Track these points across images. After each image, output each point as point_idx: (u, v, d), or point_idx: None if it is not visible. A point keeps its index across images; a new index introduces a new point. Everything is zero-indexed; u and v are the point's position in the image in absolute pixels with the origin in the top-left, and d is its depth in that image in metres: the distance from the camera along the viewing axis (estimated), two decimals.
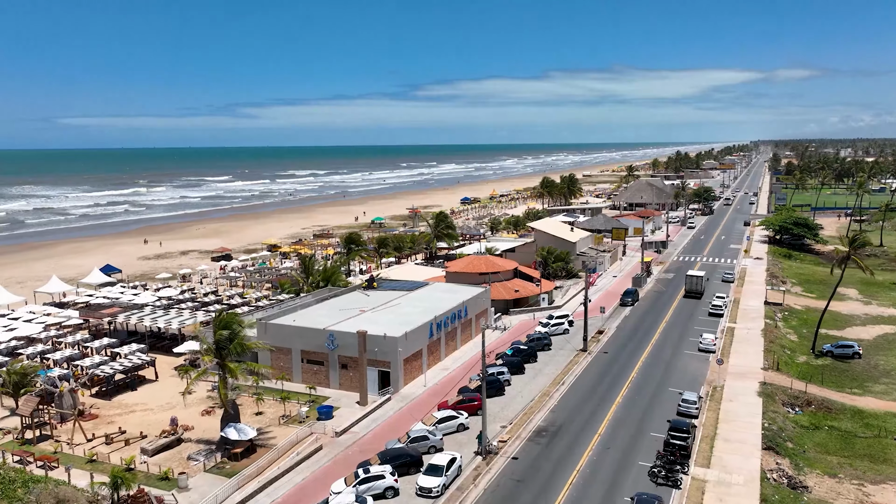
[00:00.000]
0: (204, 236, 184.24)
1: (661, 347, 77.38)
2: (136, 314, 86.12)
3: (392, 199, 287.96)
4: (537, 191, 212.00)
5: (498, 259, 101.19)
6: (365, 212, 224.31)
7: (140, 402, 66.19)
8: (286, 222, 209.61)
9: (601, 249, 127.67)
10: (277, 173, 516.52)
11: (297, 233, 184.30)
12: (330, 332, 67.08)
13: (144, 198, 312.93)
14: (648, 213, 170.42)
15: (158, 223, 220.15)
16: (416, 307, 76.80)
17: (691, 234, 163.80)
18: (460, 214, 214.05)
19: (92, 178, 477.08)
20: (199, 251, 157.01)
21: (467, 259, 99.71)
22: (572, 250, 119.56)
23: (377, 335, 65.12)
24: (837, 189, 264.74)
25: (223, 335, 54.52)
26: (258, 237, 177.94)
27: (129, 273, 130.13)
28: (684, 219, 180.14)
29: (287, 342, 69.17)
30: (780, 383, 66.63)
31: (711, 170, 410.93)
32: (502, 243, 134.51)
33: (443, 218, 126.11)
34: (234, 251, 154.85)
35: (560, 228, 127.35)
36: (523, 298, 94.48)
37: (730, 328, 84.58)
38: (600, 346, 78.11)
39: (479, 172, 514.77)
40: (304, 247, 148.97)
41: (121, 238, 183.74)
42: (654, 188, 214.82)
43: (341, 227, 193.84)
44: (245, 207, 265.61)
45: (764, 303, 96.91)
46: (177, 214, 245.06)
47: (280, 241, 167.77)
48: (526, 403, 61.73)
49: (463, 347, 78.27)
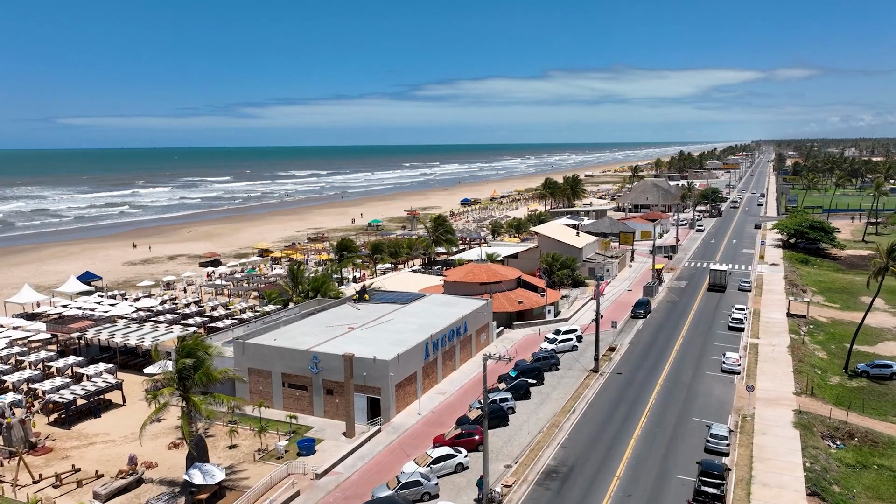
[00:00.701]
0: (195, 239, 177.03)
1: (680, 367, 70.05)
2: (108, 328, 78.92)
3: (391, 200, 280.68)
4: (539, 192, 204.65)
5: (500, 267, 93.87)
6: (362, 213, 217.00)
7: (102, 432, 58.99)
8: (281, 224, 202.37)
9: (608, 255, 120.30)
10: (277, 173, 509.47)
11: (291, 236, 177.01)
12: (313, 354, 59.80)
13: (141, 199, 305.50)
14: (656, 216, 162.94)
15: (151, 225, 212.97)
16: (410, 323, 69.53)
17: (700, 238, 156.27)
18: (460, 216, 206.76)
19: (91, 178, 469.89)
20: (187, 255, 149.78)
21: (467, 267, 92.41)
22: (578, 256, 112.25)
23: (366, 358, 57.83)
24: (847, 190, 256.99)
25: (186, 364, 47.25)
26: (251, 240, 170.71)
27: (111, 280, 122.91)
28: (692, 221, 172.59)
29: (267, 364, 61.92)
30: (816, 411, 59.26)
31: (715, 170, 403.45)
32: (504, 248, 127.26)
33: (441, 222, 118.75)
34: (223, 256, 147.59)
35: (565, 233, 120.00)
36: (527, 310, 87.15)
37: (753, 344, 77.20)
38: (613, 366, 70.79)
39: (480, 173, 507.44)
40: (296, 251, 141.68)
41: (109, 241, 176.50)
42: (660, 189, 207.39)
43: (337, 230, 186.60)
44: (240, 209, 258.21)
45: (787, 315, 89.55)
46: (171, 216, 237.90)
47: (272, 244, 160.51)
48: (533, 437, 54.39)
49: (462, 367, 70.95)
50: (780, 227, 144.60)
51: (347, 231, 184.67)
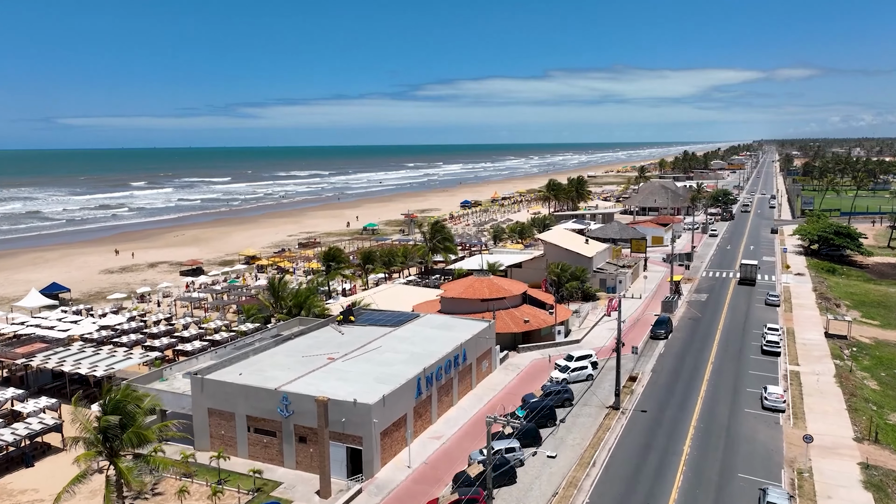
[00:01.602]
0: (181, 244, 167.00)
1: (714, 403, 59.97)
2: (60, 353, 68.94)
3: (388, 201, 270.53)
4: (543, 194, 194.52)
5: (503, 281, 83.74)
6: (358, 216, 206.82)
7: (31, 487, 49.13)
8: (273, 228, 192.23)
9: (620, 265, 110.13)
10: (276, 174, 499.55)
11: (281, 241, 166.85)
12: (283, 394, 49.77)
13: (135, 201, 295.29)
14: (667, 220, 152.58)
15: (140, 228, 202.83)
16: (400, 352, 59.50)
17: (715, 244, 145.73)
18: (460, 220, 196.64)
19: (89, 179, 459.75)
20: (169, 263, 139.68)
21: (467, 281, 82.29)
22: (588, 267, 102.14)
23: (345, 401, 47.79)
24: (860, 191, 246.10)
25: (111, 422, 37.30)
26: (239, 245, 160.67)
27: (82, 291, 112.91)
28: (705, 225, 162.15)
29: (229, 404, 51.86)
30: (886, 464, 49.15)
31: (720, 170, 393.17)
32: (506, 256, 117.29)
33: (439, 228, 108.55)
34: (207, 263, 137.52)
35: (573, 241, 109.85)
36: (535, 331, 77.08)
37: (793, 373, 67.10)
38: (636, 401, 60.73)
39: (480, 173, 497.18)
40: (284, 259, 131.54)
41: (92, 247, 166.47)
42: (669, 191, 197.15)
43: (331, 235, 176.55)
44: (233, 211, 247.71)
45: (825, 335, 79.46)
46: (161, 219, 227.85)
47: (261, 250, 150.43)
48: (547, 500, 44.38)
49: (461, 402, 60.87)
50: (802, 233, 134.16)
51: (341, 236, 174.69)
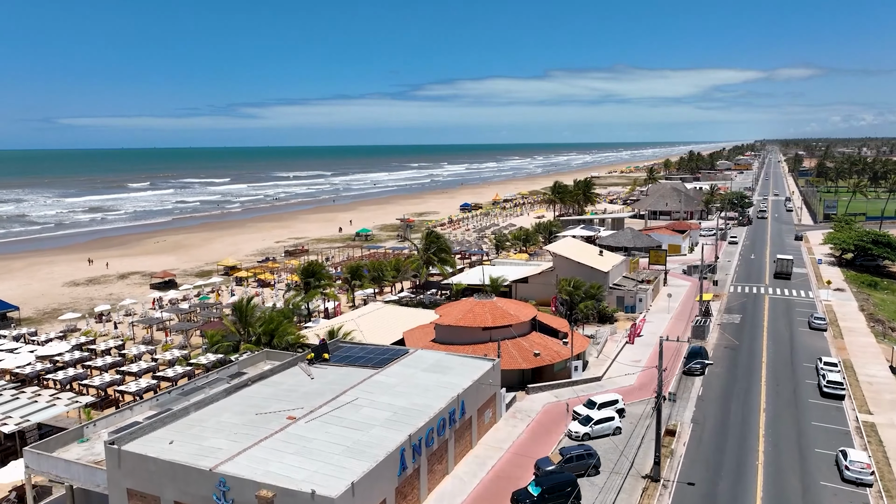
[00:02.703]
0: (160, 252, 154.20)
1: (779, 472, 47.07)
2: None
3: (385, 203, 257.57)
4: (548, 196, 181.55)
5: (509, 304, 70.76)
6: (351, 221, 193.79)
7: None
8: (261, 233, 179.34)
9: (639, 280, 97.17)
10: (274, 174, 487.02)
11: (268, 248, 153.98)
12: (220, 477, 36.94)
13: (125, 203, 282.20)
14: (684, 226, 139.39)
15: (123, 233, 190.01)
16: (381, 407, 46.58)
17: (737, 253, 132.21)
18: (459, 224, 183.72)
19: (84, 180, 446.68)
20: (142, 273, 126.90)
21: (466, 305, 69.36)
22: (604, 282, 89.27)
23: (300, 492, 34.97)
24: (876, 192, 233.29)
25: None
26: (222, 253, 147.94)
27: (36, 308, 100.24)
28: (724, 231, 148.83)
29: (153, 485, 39.05)
30: None
31: (726, 170, 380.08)
32: (510, 268, 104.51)
33: (434, 238, 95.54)
34: (183, 274, 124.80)
35: (586, 253, 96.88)
36: (547, 366, 64.26)
37: (867, 425, 54.15)
38: (678, 467, 47.85)
39: (481, 174, 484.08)
40: (266, 270, 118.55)
41: (64, 254, 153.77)
42: (681, 193, 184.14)
43: (321, 241, 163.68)
44: (221, 215, 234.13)
45: (890, 369, 66.59)
46: (147, 224, 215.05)
47: (244, 259, 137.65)
48: None
49: (458, 470, 47.94)
50: (835, 242, 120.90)
51: (333, 242, 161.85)
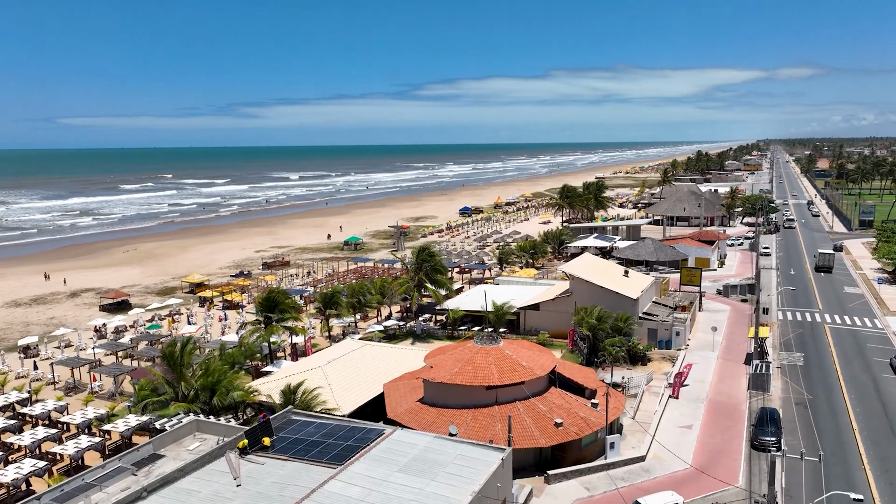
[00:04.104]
0: (127, 263, 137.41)
1: None
2: None
3: (381, 206, 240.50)
4: (555, 201, 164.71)
5: (521, 350, 53.50)
6: (342, 227, 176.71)
7: None
8: (242, 241, 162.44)
9: (672, 305, 79.99)
10: (272, 175, 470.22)
11: (245, 259, 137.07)
12: None
13: (107, 206, 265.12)
14: (711, 235, 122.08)
15: (94, 240, 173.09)
16: None
17: (773, 267, 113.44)
18: (458, 231, 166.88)
19: (76, 180, 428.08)
20: (97, 291, 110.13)
21: (464, 354, 52.33)
22: (633, 312, 72.31)
23: None
24: None
25: None
26: (196, 265, 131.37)
27: None
28: (753, 242, 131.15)
29: None
30: None
31: (735, 171, 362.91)
32: (516, 288, 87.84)
33: (427, 257, 78.45)
34: (143, 293, 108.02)
35: (609, 274, 79.73)
36: (573, 442, 47.36)
37: None
38: None
39: (482, 174, 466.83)
40: (233, 288, 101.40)
41: (19, 266, 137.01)
42: (700, 197, 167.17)
43: (306, 250, 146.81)
44: (204, 220, 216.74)
45: None
46: (126, 229, 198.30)
47: (216, 273, 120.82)
48: None
49: None
50: (891, 256, 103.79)
51: (318, 251, 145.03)
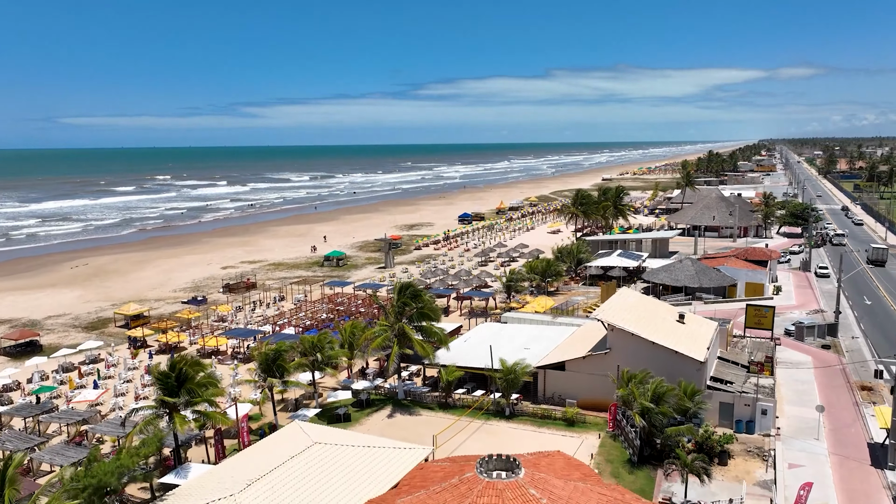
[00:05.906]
0: (70, 283, 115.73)
1: None
2: None
3: (373, 212, 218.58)
4: (567, 209, 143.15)
5: (555, 488, 32.04)
6: (326, 237, 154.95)
7: None
8: (211, 253, 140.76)
9: (746, 364, 58.17)
10: (270, 175, 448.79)
11: (207, 277, 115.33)
12: None
13: (84, 210, 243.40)
14: (761, 254, 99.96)
15: (46, 252, 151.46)
16: None
17: (841, 294, 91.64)
18: (456, 242, 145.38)
19: (67, 181, 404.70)
20: (11, 323, 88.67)
21: (460, 494, 30.75)
22: (699, 378, 50.80)
23: None
24: None
25: None
26: (149, 284, 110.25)
27: None
28: (807, 261, 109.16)
29: None
30: None
31: (749, 172, 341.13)
32: (529, 329, 66.68)
33: (409, 298, 56.69)
34: (68, 327, 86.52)
35: (660, 321, 57.91)
36: None
37: None
38: None
39: (483, 175, 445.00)
40: (175, 325, 79.55)
41: None
42: (733, 204, 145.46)
43: (281, 266, 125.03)
44: (175, 227, 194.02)
45: None
46: (88, 239, 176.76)
47: (169, 297, 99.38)
48: None
49: None
50: None
51: (295, 268, 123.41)
